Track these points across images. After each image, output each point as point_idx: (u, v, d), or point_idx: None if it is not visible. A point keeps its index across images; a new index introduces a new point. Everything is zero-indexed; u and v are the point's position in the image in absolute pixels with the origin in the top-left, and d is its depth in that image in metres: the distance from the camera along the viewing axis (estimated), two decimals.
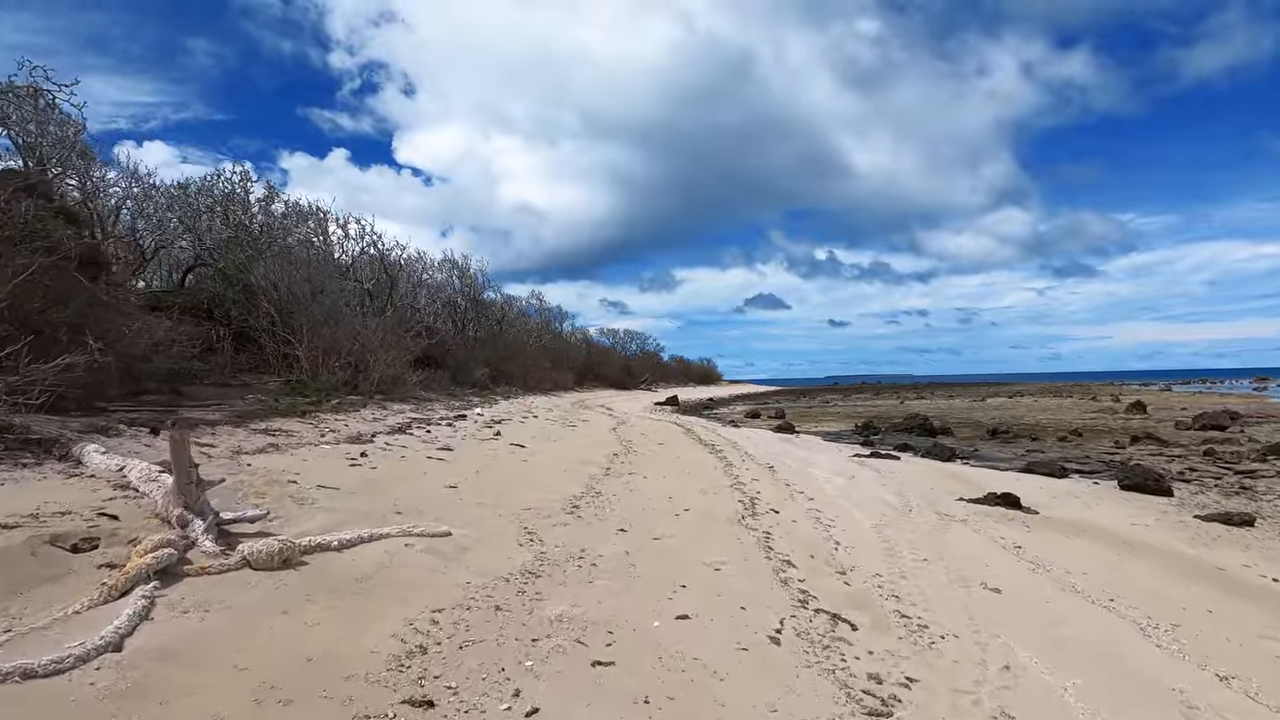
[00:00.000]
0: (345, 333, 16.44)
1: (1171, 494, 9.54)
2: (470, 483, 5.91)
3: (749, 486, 7.78)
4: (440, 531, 4.03)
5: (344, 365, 15.61)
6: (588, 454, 9.05)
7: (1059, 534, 6.74)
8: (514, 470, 6.96)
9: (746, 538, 5.10)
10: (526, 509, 5.15)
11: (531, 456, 8.18)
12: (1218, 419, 18.63)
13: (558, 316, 46.30)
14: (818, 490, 8.09)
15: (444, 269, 33.78)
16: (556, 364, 37.48)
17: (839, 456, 12.39)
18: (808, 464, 10.79)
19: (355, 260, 26.32)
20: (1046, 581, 4.90)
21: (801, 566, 4.47)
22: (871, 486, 8.83)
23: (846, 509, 6.97)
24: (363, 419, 10.00)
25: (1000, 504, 8.02)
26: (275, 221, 21.48)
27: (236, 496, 4.11)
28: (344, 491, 4.79)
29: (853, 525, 6.21)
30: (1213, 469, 11.99)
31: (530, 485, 6.19)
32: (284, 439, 7.03)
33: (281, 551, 3.03)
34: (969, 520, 7.04)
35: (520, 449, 8.68)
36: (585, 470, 7.49)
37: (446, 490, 5.48)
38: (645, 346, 64.34)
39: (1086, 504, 8.58)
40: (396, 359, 16.69)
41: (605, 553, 4.22)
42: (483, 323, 35.39)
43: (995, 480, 10.32)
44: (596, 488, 6.46)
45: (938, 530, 6.35)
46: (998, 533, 6.52)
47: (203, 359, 14.12)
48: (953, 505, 7.93)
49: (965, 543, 5.93)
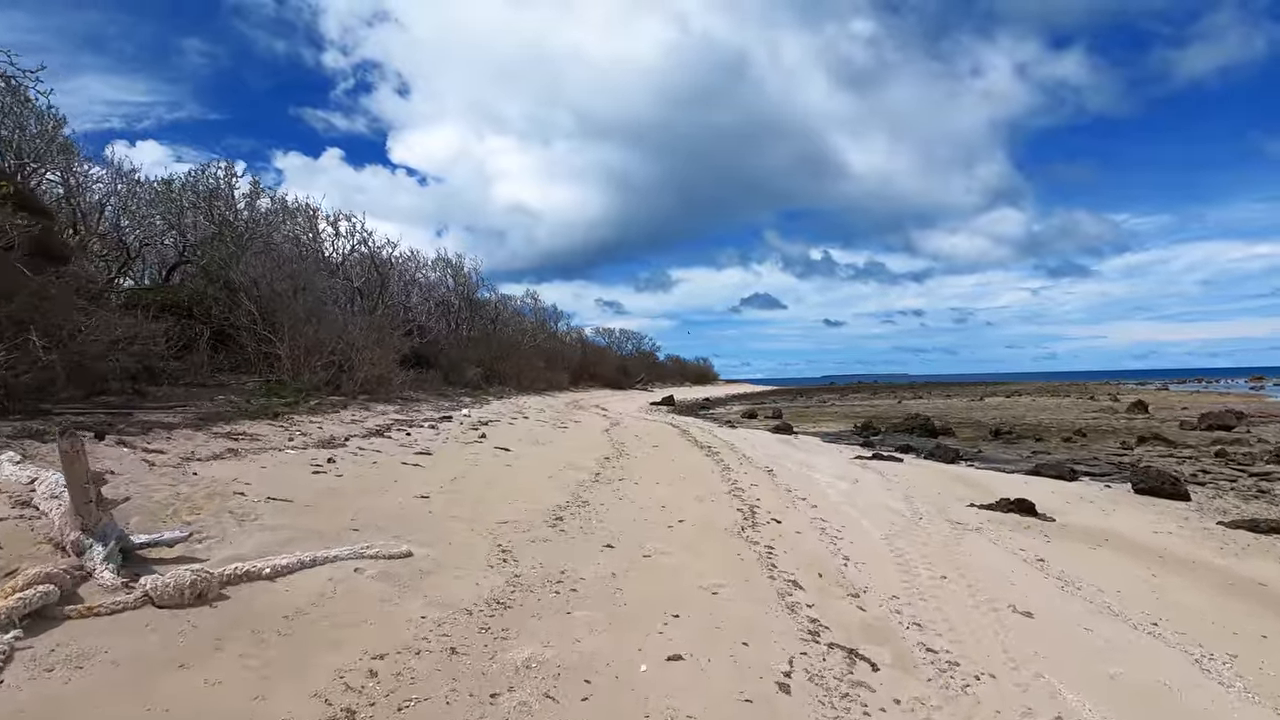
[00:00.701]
0: (329, 331, 15.91)
1: (1189, 498, 9.11)
2: (445, 492, 5.40)
3: (748, 493, 7.30)
4: (399, 552, 3.53)
5: (327, 364, 15.09)
6: (577, 458, 8.55)
7: (1081, 544, 6.27)
8: (495, 477, 6.46)
9: (747, 553, 4.62)
10: (504, 522, 4.65)
11: (516, 461, 7.67)
12: (1223, 419, 18.25)
13: (553, 316, 45.81)
14: (821, 496, 7.61)
15: (438, 268, 33.30)
16: (551, 364, 36.97)
17: (840, 459, 11.92)
18: (808, 467, 10.31)
19: (346, 258, 25.86)
20: (1079, 602, 4.42)
21: (809, 587, 3.99)
22: (877, 492, 8.36)
23: (853, 518, 6.49)
24: (340, 421, 9.47)
25: (1014, 510, 7.55)
26: (261, 217, 20.97)
27: (166, 513, 3.60)
28: (297, 504, 4.28)
29: (861, 536, 5.73)
30: (1226, 471, 11.56)
31: (512, 494, 5.68)
32: (247, 443, 6.50)
33: (195, 584, 2.52)
34: (984, 529, 6.57)
35: (505, 453, 8.17)
36: (573, 476, 6.99)
37: (417, 501, 4.97)
38: (641, 346, 63.87)
39: (1103, 510, 8.12)
40: (382, 358, 16.15)
41: (588, 574, 3.72)
42: (476, 322, 34.89)
43: (1003, 484, 9.86)
44: (584, 496, 5.96)
45: (952, 541, 5.87)
46: (1016, 543, 6.05)
47: (179, 358, 13.61)
48: (964, 512, 7.47)
49: (983, 555, 5.45)
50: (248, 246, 18.56)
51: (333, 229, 24.77)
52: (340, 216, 24.51)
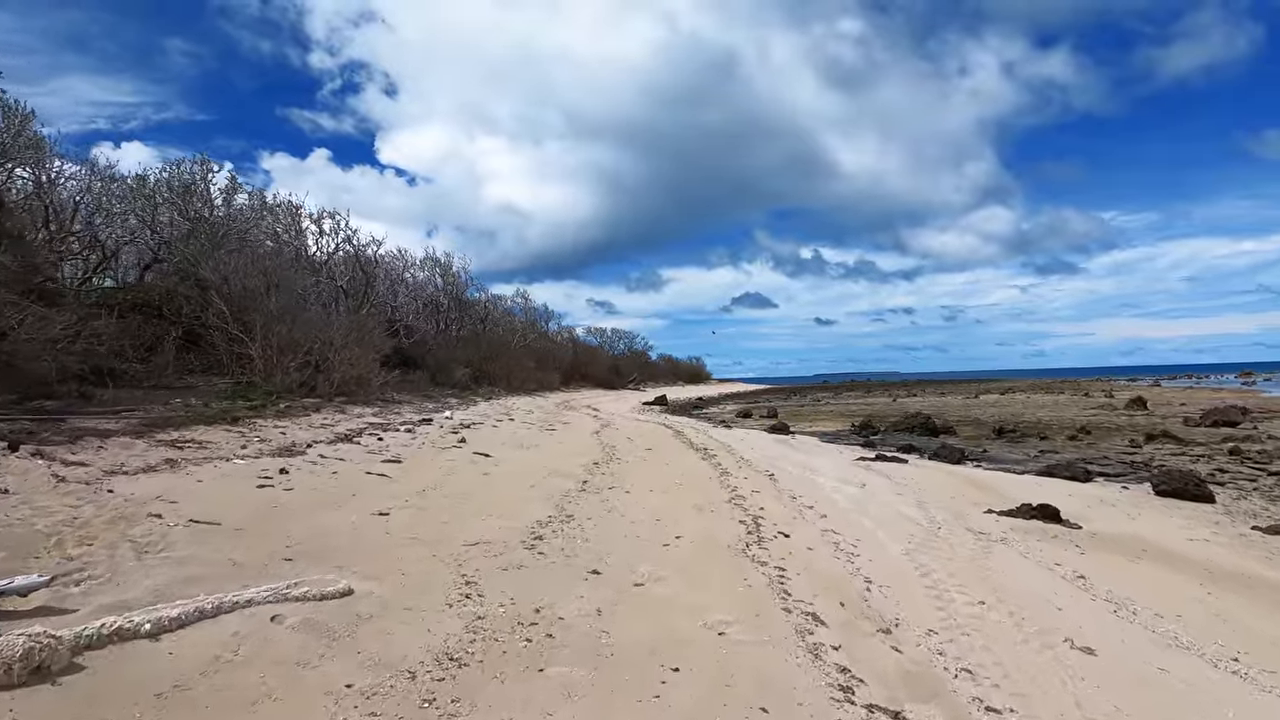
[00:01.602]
0: (304, 329, 15.17)
1: (1213, 500, 8.59)
2: (409, 507, 4.74)
3: (750, 501, 6.68)
4: (335, 590, 2.87)
5: (302, 365, 14.36)
6: (564, 463, 7.90)
7: (1118, 556, 5.70)
8: (471, 488, 5.80)
9: (755, 576, 3.99)
10: (474, 544, 4.00)
11: (496, 469, 7.01)
12: (1229, 415, 17.83)
13: (543, 316, 45.07)
14: (828, 504, 7.00)
15: (426, 267, 32.59)
16: (542, 364, 36.26)
17: (842, 461, 11.33)
18: (811, 470, 9.71)
19: (330, 257, 25.10)
20: (1139, 631, 3.83)
21: (832, 621, 3.36)
22: (887, 497, 7.76)
23: (868, 529, 5.88)
24: (308, 425, 8.78)
25: (1038, 517, 6.98)
26: (237, 214, 20.17)
27: (45, 545, 2.92)
28: (225, 528, 3.61)
29: (879, 552, 5.12)
30: (1244, 470, 11.06)
31: (487, 508, 5.03)
32: (192, 452, 5.81)
33: (31, 654, 1.86)
34: (1010, 540, 5.98)
35: (484, 459, 7.50)
36: (558, 485, 6.34)
37: (374, 520, 4.31)
38: (633, 345, 63.18)
39: (1128, 515, 7.57)
40: (362, 358, 15.42)
41: (569, 612, 3.08)
42: (466, 322, 34.16)
43: (1016, 486, 9.29)
44: (569, 509, 5.31)
45: (979, 555, 5.28)
46: (1049, 556, 5.46)
47: (145, 360, 12.85)
48: (983, 519, 6.88)
49: (1018, 572, 4.86)
50: (222, 243, 17.81)
51: (316, 227, 24.07)
52: (324, 214, 23.80)
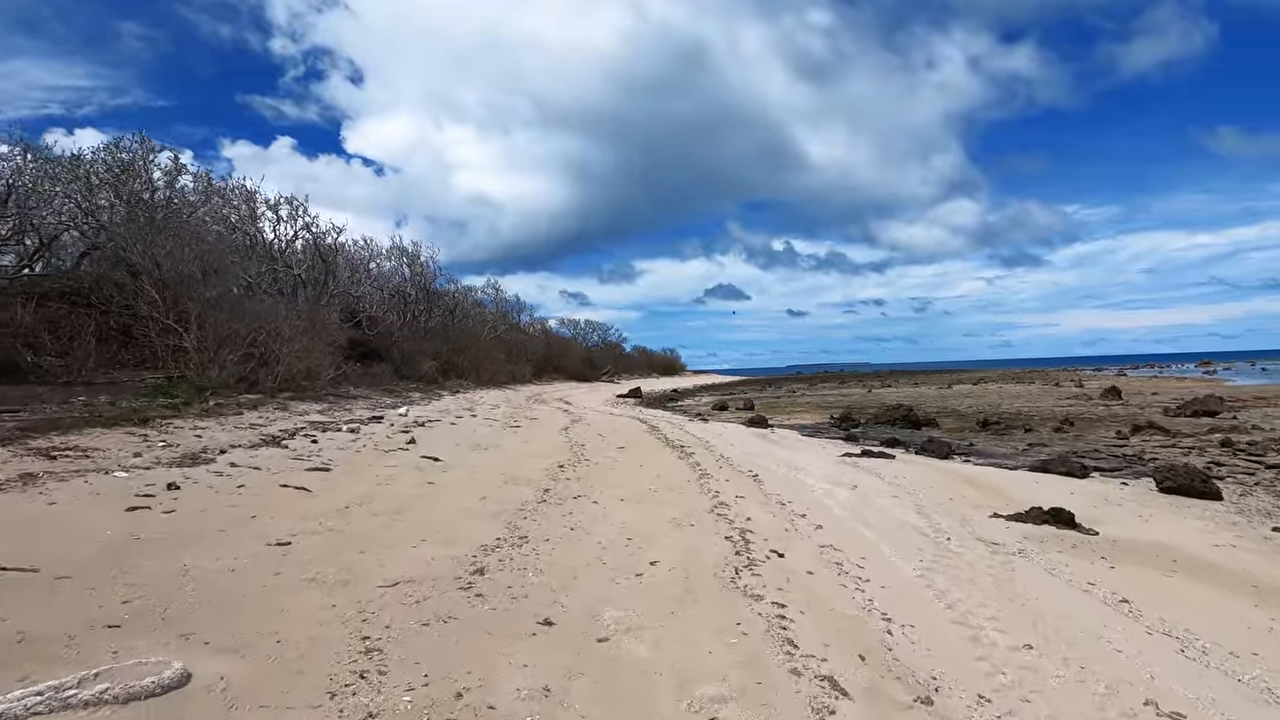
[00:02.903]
0: (249, 319, 13.97)
1: (1220, 497, 8.10)
2: (321, 533, 3.83)
3: (734, 509, 5.89)
4: (156, 684, 1.97)
5: (245, 357, 13.19)
6: (525, 467, 7.02)
7: (1149, 569, 5.04)
8: (408, 502, 4.89)
9: (749, 618, 3.19)
10: (392, 585, 3.12)
11: (444, 475, 6.10)
12: (1208, 405, 17.68)
13: (515, 307, 43.91)
14: (822, 511, 6.25)
15: (393, 257, 31.33)
16: (513, 356, 35.24)
17: (827, 457, 10.65)
18: (797, 469, 8.98)
19: (289, 245, 23.70)
20: (1223, 681, 3.12)
21: (855, 688, 2.57)
22: (883, 500, 7.06)
23: (869, 542, 5.13)
24: (235, 425, 7.74)
25: (1050, 522, 6.33)
26: (180, 196, 18.72)
27: None
28: (43, 577, 2.67)
29: (888, 573, 4.36)
30: (1240, 463, 10.68)
31: (421, 530, 4.13)
32: (66, 463, 4.80)
33: None
34: (1028, 552, 5.29)
35: (432, 464, 6.58)
36: (515, 496, 5.46)
37: (265, 554, 3.39)
38: (607, 337, 62.19)
39: (1140, 516, 6.98)
40: (311, 350, 14.28)
41: (504, 696, 2.22)
42: (434, 313, 32.92)
43: (1015, 485, 8.70)
44: (524, 528, 4.44)
45: (1003, 575, 4.56)
46: (1077, 572, 4.78)
47: (63, 353, 11.61)
48: (991, 525, 6.21)
49: (1053, 598, 4.14)
50: (163, 227, 16.42)
51: (273, 213, 22.65)
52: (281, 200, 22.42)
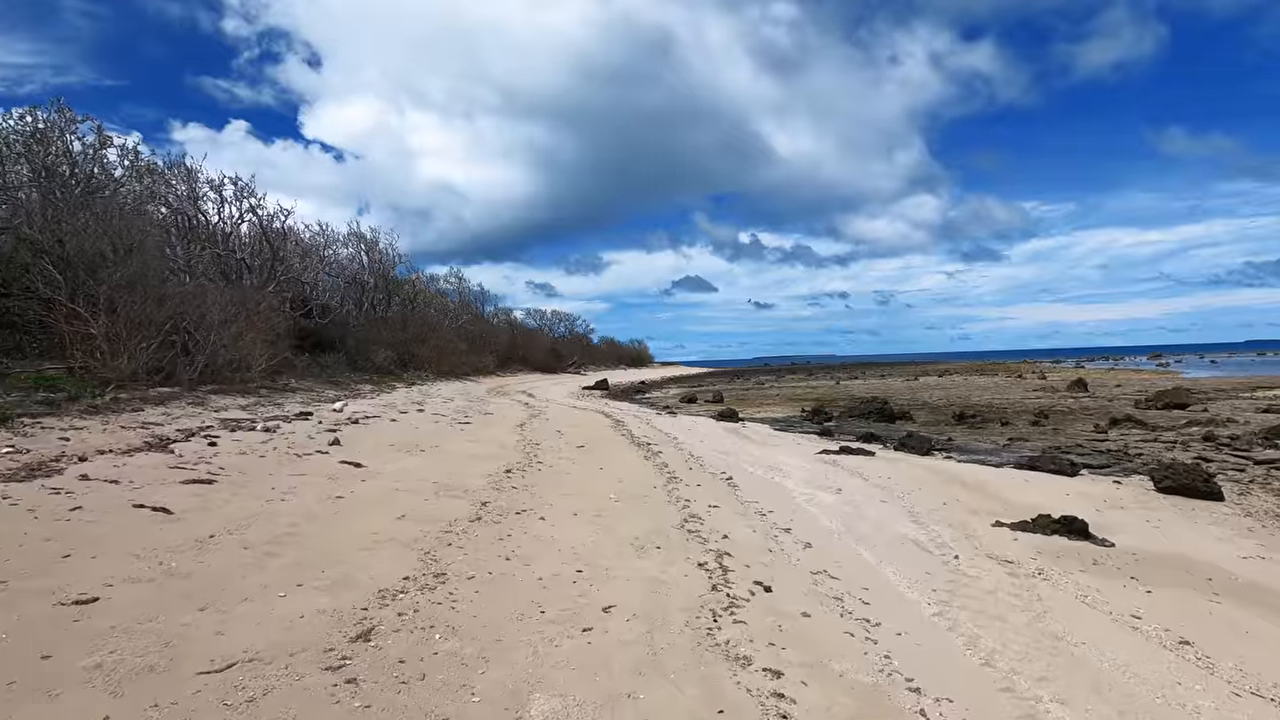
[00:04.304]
0: (171, 304, 12.58)
1: (1222, 497, 7.59)
2: (158, 579, 2.82)
3: (708, 522, 5.03)
4: None
5: (163, 345, 11.84)
6: (465, 473, 6.04)
7: (1189, 592, 4.35)
8: (300, 525, 3.88)
9: (738, 700, 2.32)
10: (222, 669, 2.14)
11: (361, 486, 5.08)
12: (1178, 397, 17.59)
13: (479, 298, 42.51)
14: (807, 523, 5.43)
15: (350, 243, 29.80)
16: (475, 347, 33.97)
17: (805, 454, 9.90)
18: (774, 470, 8.19)
19: (234, 228, 22.14)
20: None
21: None
22: (873, 508, 6.29)
23: (869, 566, 4.32)
24: (122, 425, 6.56)
25: (1060, 531, 5.63)
26: (105, 172, 17.04)
27: None
28: None
29: (900, 610, 3.55)
30: (1228, 459, 10.27)
31: (303, 568, 3.15)
32: None
33: None
34: (1047, 572, 4.55)
35: (352, 471, 5.55)
36: (443, 511, 4.49)
37: (51, 617, 2.38)
38: (575, 328, 60.98)
39: (1149, 522, 6.36)
40: (240, 338, 12.95)
41: None
42: (393, 303, 31.50)
43: (1005, 485, 8.06)
44: (444, 560, 3.49)
45: (1030, 605, 3.79)
46: (1114, 601, 4.04)
47: None
48: (997, 537, 5.48)
49: (1100, 640, 3.38)
50: (82, 204, 14.81)
51: (216, 194, 21.00)
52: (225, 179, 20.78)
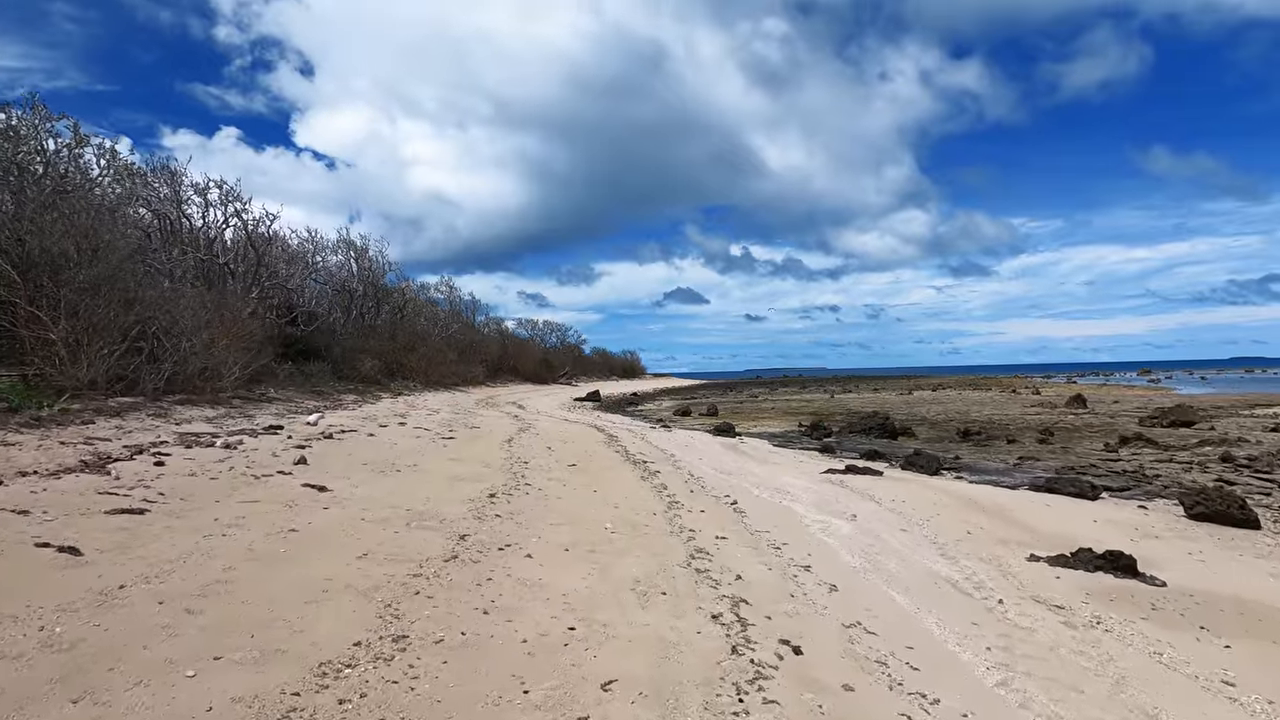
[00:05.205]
0: (139, 308, 11.90)
1: (1258, 525, 7.11)
2: (31, 653, 2.18)
3: (717, 558, 4.43)
4: None
5: (129, 351, 11.16)
6: (444, 498, 5.41)
7: (1268, 645, 3.80)
8: (237, 568, 3.25)
9: None
10: None
11: (322, 516, 4.45)
12: (1184, 415, 17.20)
13: (470, 307, 41.81)
14: (827, 556, 4.85)
15: (339, 250, 29.16)
16: (465, 357, 33.28)
17: (810, 474, 9.34)
18: (780, 492, 7.61)
19: (219, 232, 21.50)
20: None
21: None
22: (892, 537, 5.72)
23: (906, 613, 3.74)
24: (61, 440, 5.89)
25: (1106, 568, 5.08)
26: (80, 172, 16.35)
27: None
28: None
29: (956, 677, 2.97)
30: (1252, 481, 9.81)
31: (226, 631, 2.52)
32: None
33: None
34: (1106, 622, 3.99)
35: (315, 497, 4.91)
36: (414, 547, 3.87)
37: None
38: (566, 339, 60.29)
39: (1191, 554, 5.82)
40: (215, 343, 12.26)
41: None
42: (382, 311, 30.84)
43: (1026, 509, 7.52)
44: (407, 617, 2.87)
45: (1102, 668, 3.22)
46: (1194, 661, 3.48)
47: None
48: (1037, 575, 4.92)
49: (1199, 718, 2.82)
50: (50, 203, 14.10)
51: (200, 197, 20.32)
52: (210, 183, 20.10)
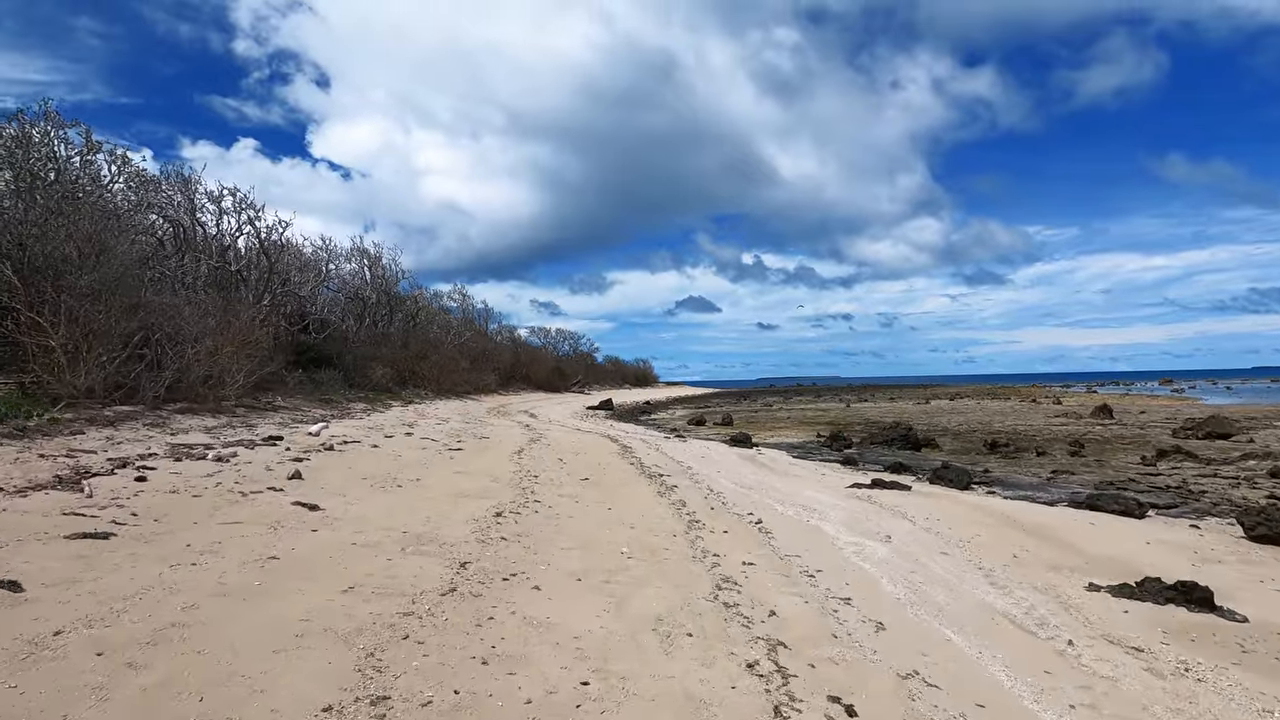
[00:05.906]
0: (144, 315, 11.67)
1: None
2: None
3: (747, 590, 3.98)
4: None
5: (131, 358, 10.92)
6: (446, 518, 4.99)
7: None
8: (202, 606, 2.84)
9: None
10: None
11: (309, 540, 4.04)
12: (1220, 426, 16.50)
13: (482, 315, 41.69)
14: (868, 586, 4.37)
15: (353, 259, 29.19)
16: (478, 364, 33.03)
17: (835, 489, 8.83)
18: (806, 509, 7.12)
19: (233, 240, 21.47)
20: None
21: None
22: (933, 562, 5.22)
23: (967, 658, 3.26)
24: (41, 452, 5.55)
25: (1178, 600, 4.56)
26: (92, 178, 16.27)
27: None
28: None
29: None
30: None
31: (166, 699, 2.11)
32: None
33: None
34: (1193, 666, 3.49)
35: (304, 517, 4.50)
36: (407, 577, 3.45)
37: None
38: (579, 347, 60.02)
39: (1264, 582, 5.30)
40: (219, 350, 11.99)
41: None
42: (395, 319, 30.73)
43: (1072, 528, 6.97)
44: (391, 670, 2.44)
45: None
46: None
47: None
48: (1103, 609, 4.41)
49: None
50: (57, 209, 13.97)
51: (214, 205, 20.28)
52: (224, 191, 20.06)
